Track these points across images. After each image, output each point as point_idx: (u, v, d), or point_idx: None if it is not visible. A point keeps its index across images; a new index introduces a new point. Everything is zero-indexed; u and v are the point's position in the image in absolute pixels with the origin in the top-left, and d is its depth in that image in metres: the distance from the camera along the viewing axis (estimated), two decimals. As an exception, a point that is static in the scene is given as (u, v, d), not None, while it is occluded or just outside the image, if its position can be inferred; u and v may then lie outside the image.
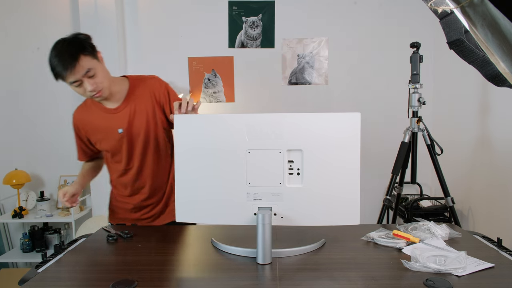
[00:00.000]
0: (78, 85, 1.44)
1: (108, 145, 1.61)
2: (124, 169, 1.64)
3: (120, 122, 1.59)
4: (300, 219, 1.21)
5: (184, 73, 3.06)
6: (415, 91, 2.23)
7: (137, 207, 1.69)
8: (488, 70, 1.28)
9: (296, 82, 3.06)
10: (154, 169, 1.66)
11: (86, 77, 1.43)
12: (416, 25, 2.98)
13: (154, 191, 1.68)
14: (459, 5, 0.88)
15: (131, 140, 1.60)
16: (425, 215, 2.56)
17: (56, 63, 1.38)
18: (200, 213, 1.24)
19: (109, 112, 1.60)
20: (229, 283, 1.03)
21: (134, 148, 1.61)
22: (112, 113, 1.59)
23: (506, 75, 1.08)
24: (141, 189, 1.67)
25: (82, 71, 1.41)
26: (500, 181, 2.20)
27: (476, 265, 1.07)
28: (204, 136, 1.21)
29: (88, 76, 1.43)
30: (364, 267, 1.11)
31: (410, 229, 1.33)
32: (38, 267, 1.14)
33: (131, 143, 1.61)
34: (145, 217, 1.70)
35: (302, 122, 1.19)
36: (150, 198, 1.68)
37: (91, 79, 1.44)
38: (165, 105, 1.64)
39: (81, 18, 2.85)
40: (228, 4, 2.99)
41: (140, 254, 1.24)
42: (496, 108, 2.26)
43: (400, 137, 2.30)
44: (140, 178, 1.65)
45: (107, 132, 1.59)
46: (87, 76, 1.43)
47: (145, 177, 1.65)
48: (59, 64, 1.38)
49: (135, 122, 1.60)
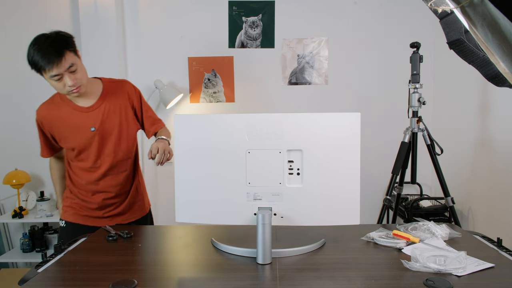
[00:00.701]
0: (58, 79, 1.48)
1: (76, 142, 1.63)
2: (91, 167, 1.66)
3: (93, 121, 1.62)
4: (300, 219, 1.21)
5: (184, 73, 3.06)
6: (415, 91, 2.23)
7: (101, 205, 1.70)
8: (488, 70, 1.28)
9: (296, 82, 3.06)
10: (123, 167, 1.70)
11: (67, 72, 1.48)
12: (416, 25, 2.98)
13: (119, 190, 1.71)
14: (459, 5, 0.88)
15: (103, 139, 1.64)
16: (425, 215, 2.55)
17: (41, 57, 1.43)
18: (200, 213, 1.24)
19: (81, 110, 1.63)
20: (229, 283, 1.03)
21: (104, 147, 1.65)
22: (85, 111, 1.63)
23: (506, 75, 1.08)
24: (107, 187, 1.69)
25: (66, 65, 1.46)
26: (500, 181, 2.20)
27: (476, 265, 1.07)
28: (204, 136, 1.21)
29: (70, 71, 1.48)
30: (364, 267, 1.11)
31: (410, 229, 1.33)
32: (38, 267, 1.14)
33: (102, 142, 1.64)
34: (107, 215, 1.72)
35: (302, 122, 1.19)
36: (115, 197, 1.71)
37: (72, 74, 1.49)
38: (137, 110, 1.74)
39: (81, 18, 2.85)
40: (228, 4, 2.99)
41: (140, 254, 1.24)
42: (496, 108, 2.26)
43: (400, 137, 2.29)
44: (107, 177, 1.67)
45: (77, 129, 1.62)
46: (69, 71, 1.48)
47: (112, 176, 1.68)
48: (44, 57, 1.42)
49: (108, 121, 1.64)
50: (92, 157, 1.65)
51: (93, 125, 1.62)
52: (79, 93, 1.55)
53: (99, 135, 1.63)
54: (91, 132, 1.62)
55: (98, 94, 1.66)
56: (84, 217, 1.71)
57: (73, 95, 1.57)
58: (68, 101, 1.63)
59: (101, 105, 1.65)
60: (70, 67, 1.48)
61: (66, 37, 1.50)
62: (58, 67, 1.45)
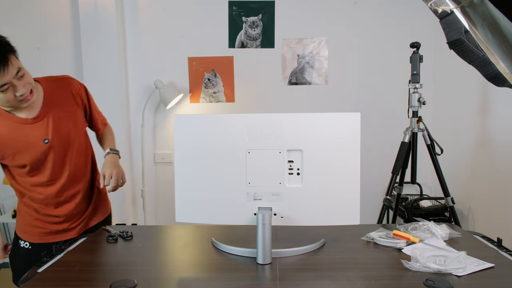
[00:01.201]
0: (6, 89, 1.28)
1: (28, 159, 1.43)
2: (48, 181, 1.48)
3: (43, 131, 1.43)
4: (300, 219, 1.21)
5: (184, 73, 3.06)
6: (415, 91, 2.23)
7: (68, 216, 1.55)
8: (488, 70, 1.28)
9: (296, 82, 3.06)
10: (83, 171, 1.57)
11: (16, 79, 1.29)
12: (416, 25, 2.98)
13: (85, 194, 1.59)
14: (459, 5, 0.88)
15: (60, 149, 1.47)
16: (425, 215, 2.55)
17: None
18: (200, 213, 1.24)
19: (26, 122, 1.41)
20: (229, 283, 1.03)
21: (62, 157, 1.49)
22: (30, 123, 1.42)
23: (506, 75, 1.08)
24: (72, 196, 1.55)
25: (14, 71, 1.28)
26: (500, 180, 2.20)
27: (476, 265, 1.07)
28: (204, 136, 1.21)
29: (18, 77, 1.30)
30: (364, 267, 1.11)
31: (410, 229, 1.33)
32: (38, 267, 1.14)
33: (59, 152, 1.47)
34: (74, 225, 1.57)
35: (302, 122, 1.19)
36: (82, 202, 1.58)
37: (21, 81, 1.31)
38: (87, 108, 1.59)
39: (81, 18, 2.85)
40: (228, 4, 2.99)
41: (140, 254, 1.24)
42: (496, 108, 2.26)
43: (400, 137, 2.29)
44: (68, 186, 1.52)
45: (27, 145, 1.41)
46: (17, 78, 1.30)
47: (74, 184, 1.54)
48: None
49: (61, 128, 1.47)
50: (48, 171, 1.47)
51: (45, 136, 1.43)
52: (32, 100, 1.36)
53: (55, 146, 1.45)
54: (44, 145, 1.43)
55: (40, 99, 1.44)
56: (50, 234, 1.54)
57: (25, 104, 1.36)
58: (7, 115, 1.39)
59: (49, 111, 1.44)
60: (18, 73, 1.29)
61: (6, 40, 1.32)
62: (6, 74, 1.25)
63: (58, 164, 1.48)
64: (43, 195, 1.50)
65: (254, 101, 3.09)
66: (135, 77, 3.01)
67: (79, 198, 1.56)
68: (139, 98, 3.03)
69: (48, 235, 1.54)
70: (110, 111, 2.89)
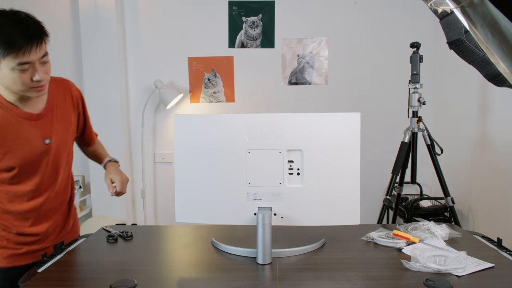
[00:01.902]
0: (27, 69, 1.16)
1: (19, 159, 1.24)
2: (33, 190, 1.29)
3: (46, 131, 1.30)
4: (300, 219, 1.21)
5: (184, 73, 3.06)
6: (415, 91, 2.23)
7: (45, 234, 1.36)
8: (488, 70, 1.28)
9: (296, 82, 3.06)
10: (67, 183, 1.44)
11: (39, 63, 1.18)
12: (416, 25, 2.98)
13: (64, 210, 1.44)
14: (459, 5, 0.88)
15: (57, 154, 1.33)
16: (425, 215, 2.55)
17: (20, 34, 1.11)
18: (200, 213, 1.24)
19: (29, 117, 1.26)
20: (229, 283, 1.03)
21: (59, 163, 1.35)
22: (35, 119, 1.27)
23: (506, 75, 1.08)
24: (56, 209, 1.39)
25: (42, 52, 1.18)
26: (500, 180, 2.20)
27: (476, 265, 1.07)
28: (204, 136, 1.21)
29: (42, 61, 1.19)
30: (364, 267, 1.11)
31: (410, 229, 1.33)
32: (38, 267, 1.14)
33: (55, 157, 1.33)
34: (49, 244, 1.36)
35: (302, 122, 1.19)
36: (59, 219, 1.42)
37: (42, 66, 1.19)
38: (80, 116, 1.48)
39: (81, 18, 2.85)
40: (228, 4, 2.99)
41: (140, 254, 1.24)
42: (496, 108, 2.26)
43: (400, 137, 2.29)
44: (50, 200, 1.35)
45: (22, 142, 1.24)
46: (41, 62, 1.18)
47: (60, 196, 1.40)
48: (23, 35, 1.11)
49: (59, 131, 1.35)
50: (37, 178, 1.29)
51: (47, 136, 1.29)
52: (44, 92, 1.24)
53: (53, 149, 1.31)
54: (44, 146, 1.28)
55: (45, 97, 1.33)
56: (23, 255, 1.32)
57: (35, 94, 1.22)
58: (9, 106, 1.23)
59: (52, 110, 1.33)
60: (43, 57, 1.18)
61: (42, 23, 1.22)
62: (36, 51, 1.14)
63: (51, 171, 1.33)
64: (19, 208, 1.29)
65: (254, 101, 3.09)
66: (135, 77, 3.02)
67: (59, 213, 1.41)
68: (139, 98, 3.03)
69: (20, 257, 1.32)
70: (110, 111, 2.90)
